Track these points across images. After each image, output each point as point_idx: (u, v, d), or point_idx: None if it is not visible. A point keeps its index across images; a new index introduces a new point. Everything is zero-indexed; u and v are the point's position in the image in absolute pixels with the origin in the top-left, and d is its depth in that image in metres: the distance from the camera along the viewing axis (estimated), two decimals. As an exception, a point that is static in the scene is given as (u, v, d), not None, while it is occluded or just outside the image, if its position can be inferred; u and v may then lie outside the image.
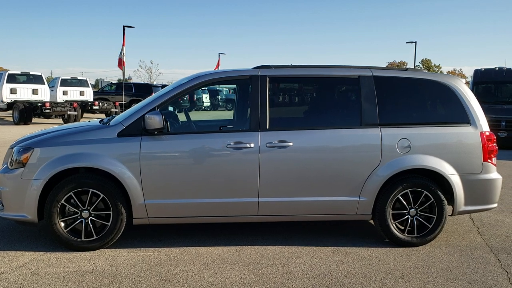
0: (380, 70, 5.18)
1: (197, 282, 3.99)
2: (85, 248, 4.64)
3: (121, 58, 27.15)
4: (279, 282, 4.02)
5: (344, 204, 4.89)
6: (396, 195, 4.91)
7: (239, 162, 4.74)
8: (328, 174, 4.84)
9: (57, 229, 4.57)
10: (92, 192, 4.60)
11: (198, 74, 5.13)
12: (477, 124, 5.03)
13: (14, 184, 4.62)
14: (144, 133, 4.66)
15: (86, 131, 4.83)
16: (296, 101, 5.77)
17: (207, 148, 4.75)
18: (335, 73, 5.14)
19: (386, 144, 4.87)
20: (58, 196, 4.55)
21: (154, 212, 4.72)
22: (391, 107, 5.13)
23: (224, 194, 4.75)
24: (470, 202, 5.02)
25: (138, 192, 4.64)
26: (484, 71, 16.02)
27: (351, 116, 5.09)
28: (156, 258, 4.51)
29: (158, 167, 4.67)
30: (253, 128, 4.79)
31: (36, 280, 3.94)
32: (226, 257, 4.58)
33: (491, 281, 4.11)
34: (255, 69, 5.01)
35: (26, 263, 4.33)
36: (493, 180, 5.05)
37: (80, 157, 4.59)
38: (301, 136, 4.85)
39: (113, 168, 4.58)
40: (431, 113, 5.31)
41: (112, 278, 4.03)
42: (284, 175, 4.79)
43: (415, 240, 4.95)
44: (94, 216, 4.65)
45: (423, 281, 4.09)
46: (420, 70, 5.52)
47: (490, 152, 5.02)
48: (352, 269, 4.33)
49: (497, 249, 4.96)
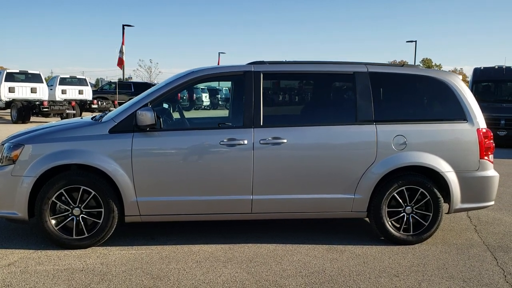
0: (375, 66, 5.11)
1: (188, 280, 3.93)
2: (76, 246, 4.58)
3: (121, 57, 27.16)
4: (272, 280, 3.97)
5: (339, 201, 4.83)
6: (392, 192, 4.85)
7: (232, 159, 4.68)
8: (322, 171, 4.78)
9: (47, 227, 4.52)
10: (84, 189, 4.54)
11: (191, 70, 5.07)
12: (473, 121, 4.96)
13: (4, 181, 4.56)
14: (136, 130, 4.60)
15: (78, 128, 4.77)
16: (290, 97, 5.72)
17: (200, 145, 4.69)
18: (330, 69, 5.08)
19: (381, 141, 4.80)
20: (49, 193, 4.49)
21: (146, 209, 4.66)
22: (387, 103, 5.07)
23: (217, 192, 4.69)
24: (466, 200, 4.96)
25: (130, 190, 4.58)
26: (484, 69, 15.96)
27: (346, 112, 5.02)
28: (148, 256, 4.45)
29: (150, 164, 4.61)
30: (247, 125, 4.73)
31: (25, 278, 3.89)
32: (219, 255, 4.53)
33: (487, 279, 4.05)
34: (249, 65, 4.95)
35: (16, 261, 4.27)
36: (489, 178, 4.98)
37: (71, 154, 4.53)
38: (296, 133, 4.78)
39: (104, 165, 4.52)
40: (427, 109, 5.25)
41: (102, 276, 3.97)
42: (278, 172, 4.73)
43: (411, 238, 4.89)
44: (85, 214, 4.59)
45: (418, 279, 4.03)
46: (416, 66, 5.46)
47: (487, 149, 4.95)
48: (346, 267, 4.27)
49: (493, 247, 4.90)
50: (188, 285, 3.83)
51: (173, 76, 5.23)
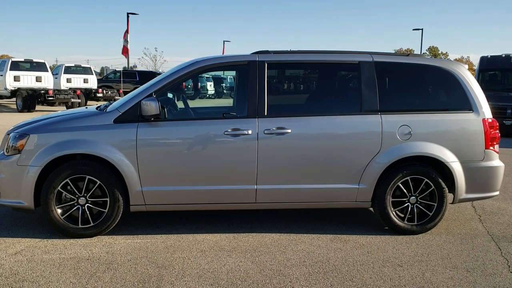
0: (381, 55, 5.08)
1: (193, 269, 3.96)
2: (82, 235, 4.62)
3: (125, 46, 27.12)
4: (275, 269, 3.99)
5: (343, 191, 4.84)
6: (396, 182, 4.84)
7: (236, 149, 4.68)
8: (327, 162, 4.78)
9: (53, 216, 4.55)
10: (89, 179, 4.57)
11: (196, 59, 5.06)
12: (479, 111, 4.94)
13: (10, 171, 4.59)
14: (140, 120, 4.61)
15: (83, 118, 4.79)
16: (295, 87, 5.70)
17: (204, 135, 4.69)
18: (335, 58, 5.05)
19: (386, 131, 4.79)
20: (55, 182, 4.52)
21: (151, 199, 4.68)
22: (392, 93, 5.05)
23: (222, 181, 4.71)
24: (471, 190, 4.95)
25: (135, 179, 4.60)
26: (490, 58, 15.81)
27: (351, 102, 5.01)
28: (153, 245, 4.49)
29: (155, 154, 4.62)
30: (251, 115, 4.72)
31: (32, 267, 3.93)
32: (223, 244, 4.55)
33: (491, 269, 4.06)
34: (253, 55, 4.93)
35: (22, 249, 4.32)
36: (495, 168, 4.97)
37: (76, 143, 4.55)
38: (300, 123, 4.78)
39: (109, 154, 4.54)
40: (432, 99, 5.22)
41: (108, 265, 4.01)
42: (282, 162, 4.74)
43: (415, 228, 4.90)
44: (91, 203, 4.62)
45: (421, 269, 4.04)
46: (422, 55, 5.42)
47: (492, 139, 4.93)
48: (350, 257, 4.29)
49: (498, 237, 4.90)
50: (192, 274, 3.87)
51: (178, 66, 5.23)
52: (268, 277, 3.84)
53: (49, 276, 3.76)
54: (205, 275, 3.84)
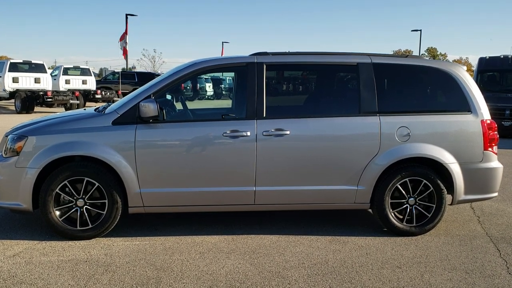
0: (379, 57, 5.08)
1: (191, 271, 3.95)
2: (80, 237, 4.61)
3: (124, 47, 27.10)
4: (274, 271, 3.98)
5: (342, 193, 4.83)
6: (395, 184, 4.84)
7: (235, 151, 4.68)
8: (325, 163, 4.78)
9: (52, 218, 4.54)
10: (87, 181, 4.56)
11: (194, 61, 5.05)
12: (478, 112, 4.94)
13: (9, 173, 4.58)
14: (139, 121, 4.60)
15: (81, 119, 4.78)
16: (293, 88, 5.69)
17: (203, 136, 4.69)
18: (334, 60, 5.05)
19: (385, 133, 4.79)
20: (53, 184, 4.51)
21: (150, 201, 4.67)
22: (391, 94, 5.05)
23: (220, 183, 4.70)
24: (470, 191, 4.95)
25: (134, 181, 4.59)
26: (489, 59, 15.83)
27: (349, 104, 5.01)
28: (151, 247, 4.48)
29: (154, 155, 4.62)
30: (250, 116, 4.72)
31: (30, 269, 3.92)
32: (222, 246, 4.55)
33: (490, 271, 4.06)
34: (252, 56, 4.93)
35: (21, 252, 4.31)
36: (493, 169, 4.97)
37: (74, 145, 4.54)
38: (299, 125, 4.78)
39: (108, 156, 4.53)
40: (431, 101, 5.23)
41: (106, 267, 4.00)
42: (281, 164, 4.73)
43: (414, 230, 4.89)
44: (89, 205, 4.61)
45: (420, 270, 4.04)
46: (420, 57, 5.42)
47: (491, 141, 4.93)
48: (349, 259, 4.28)
49: (497, 238, 4.90)
50: (191, 276, 3.86)
51: (176, 67, 5.22)
52: (267, 279, 3.84)
53: (47, 278, 3.75)
54: (203, 277, 3.84)
